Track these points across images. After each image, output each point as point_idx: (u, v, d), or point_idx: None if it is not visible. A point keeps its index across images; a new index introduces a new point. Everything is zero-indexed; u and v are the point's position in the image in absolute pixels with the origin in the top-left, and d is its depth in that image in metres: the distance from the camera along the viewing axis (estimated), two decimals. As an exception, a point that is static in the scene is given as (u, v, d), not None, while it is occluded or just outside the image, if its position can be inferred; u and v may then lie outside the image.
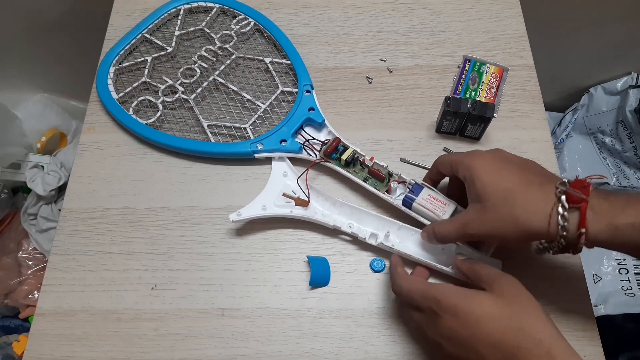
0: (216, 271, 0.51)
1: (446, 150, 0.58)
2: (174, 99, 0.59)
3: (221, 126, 0.58)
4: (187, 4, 0.67)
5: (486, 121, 0.55)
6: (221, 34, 0.64)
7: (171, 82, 0.61)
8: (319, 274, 0.50)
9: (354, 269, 0.51)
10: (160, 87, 0.60)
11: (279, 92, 0.60)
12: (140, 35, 0.64)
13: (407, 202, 0.50)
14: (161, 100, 0.59)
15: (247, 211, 0.51)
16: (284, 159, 0.55)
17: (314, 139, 0.56)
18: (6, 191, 1.03)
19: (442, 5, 0.68)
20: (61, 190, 0.96)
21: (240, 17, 0.66)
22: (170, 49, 0.63)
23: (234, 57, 0.63)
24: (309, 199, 0.52)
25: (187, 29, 0.65)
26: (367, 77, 0.63)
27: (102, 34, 0.66)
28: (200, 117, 0.58)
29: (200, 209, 0.55)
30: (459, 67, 0.63)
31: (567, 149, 1.11)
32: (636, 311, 0.91)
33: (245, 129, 0.57)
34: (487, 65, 0.62)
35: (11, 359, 0.88)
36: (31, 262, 0.97)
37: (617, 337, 0.91)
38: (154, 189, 0.56)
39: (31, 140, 1.04)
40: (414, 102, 0.61)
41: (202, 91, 0.60)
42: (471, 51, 0.64)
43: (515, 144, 0.58)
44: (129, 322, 0.49)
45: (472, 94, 0.61)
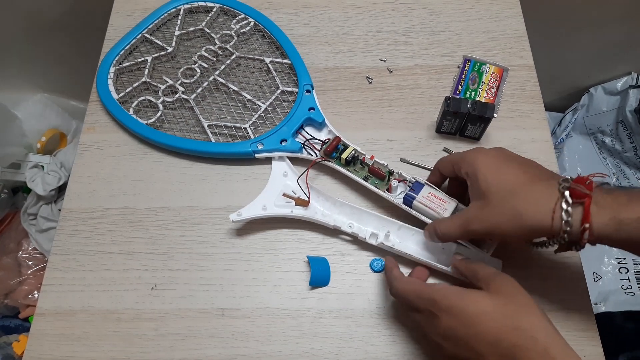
0: (216, 271, 0.51)
1: (446, 150, 0.58)
2: (174, 99, 0.59)
3: (221, 126, 0.58)
4: (187, 3, 0.67)
5: (486, 121, 0.55)
6: (221, 33, 0.64)
7: (171, 82, 0.61)
8: (319, 274, 0.50)
9: (354, 269, 0.51)
10: (160, 87, 0.60)
11: (279, 91, 0.60)
12: (140, 35, 0.64)
13: (407, 200, 0.50)
14: (161, 100, 0.59)
15: (247, 211, 0.51)
16: (284, 158, 0.55)
17: (315, 138, 0.56)
18: (6, 191, 1.03)
19: (442, 5, 0.68)
20: (61, 190, 0.96)
21: (240, 16, 0.66)
22: (170, 49, 0.63)
23: (234, 56, 0.63)
24: (309, 199, 0.52)
25: (187, 28, 0.65)
26: (367, 77, 0.63)
27: (102, 34, 0.66)
28: (200, 117, 0.58)
29: (200, 209, 0.55)
30: (459, 67, 0.63)
31: (567, 149, 1.11)
32: (636, 309, 0.91)
33: (245, 128, 0.57)
34: (487, 65, 0.62)
35: (11, 359, 0.88)
36: (31, 262, 0.97)
37: (617, 337, 0.91)
38: (154, 189, 0.56)
39: (31, 140, 1.04)
40: (414, 102, 0.61)
41: (202, 91, 0.60)
42: (471, 51, 0.64)
43: (515, 144, 0.58)
44: (129, 322, 0.49)
45: (472, 94, 0.61)
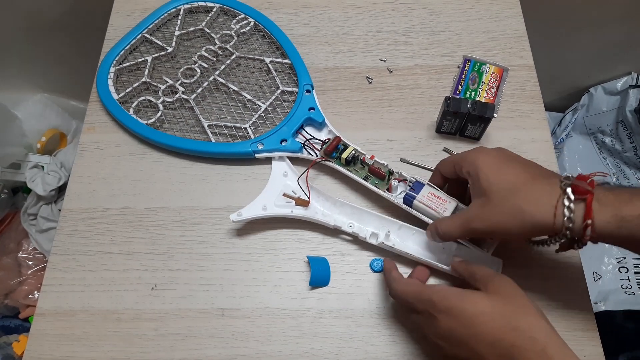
0: (216, 271, 0.51)
1: (446, 150, 0.58)
2: (175, 99, 0.59)
3: (221, 126, 0.58)
4: (187, 3, 0.67)
5: (486, 121, 0.55)
6: (221, 33, 0.64)
7: (171, 82, 0.61)
8: (319, 274, 0.50)
9: (354, 269, 0.51)
10: (160, 87, 0.60)
11: (279, 91, 0.60)
12: (140, 35, 0.64)
13: (407, 200, 0.50)
14: (161, 100, 0.59)
15: (247, 211, 0.51)
16: (284, 158, 0.55)
17: (315, 138, 0.56)
18: (6, 191, 1.03)
19: (442, 5, 0.68)
20: (61, 190, 0.96)
21: (240, 16, 0.66)
22: (170, 49, 0.63)
23: (234, 56, 0.63)
24: (309, 198, 0.52)
25: (187, 28, 0.65)
26: (367, 77, 0.63)
27: (102, 34, 0.66)
28: (200, 117, 0.58)
29: (200, 209, 0.55)
30: (459, 67, 0.63)
31: (567, 149, 1.11)
32: (636, 308, 0.91)
33: (245, 128, 0.57)
34: (487, 65, 0.62)
35: (11, 359, 0.88)
36: (31, 262, 0.97)
37: (617, 336, 0.91)
38: (154, 189, 0.56)
39: (31, 140, 1.04)
40: (414, 102, 0.61)
41: (202, 91, 0.60)
42: (471, 51, 0.64)
43: (515, 144, 0.58)
44: (129, 322, 0.49)
45: (472, 94, 0.61)
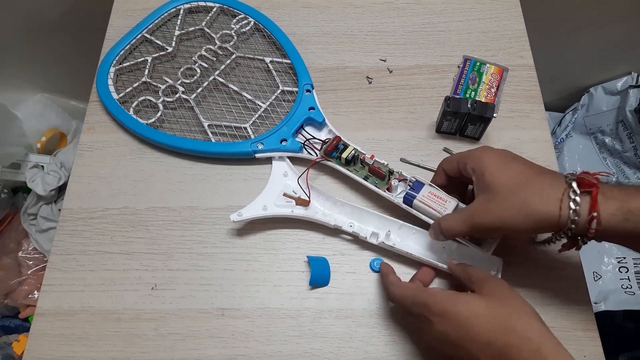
0: (216, 271, 0.51)
1: (446, 150, 0.58)
2: (175, 99, 0.59)
3: (222, 126, 0.58)
4: (187, 3, 0.67)
5: (486, 121, 0.55)
6: (221, 33, 0.64)
7: (171, 82, 0.60)
8: (319, 274, 0.50)
9: (354, 269, 0.51)
10: (160, 87, 0.60)
11: (279, 91, 0.60)
12: (140, 35, 0.64)
13: (408, 200, 0.50)
14: (161, 100, 0.59)
15: (248, 211, 0.51)
16: (284, 158, 0.55)
17: (315, 138, 0.56)
18: (6, 191, 1.03)
19: (442, 5, 0.68)
20: (61, 190, 0.96)
21: (240, 16, 0.66)
22: (170, 49, 0.63)
23: (234, 56, 0.63)
24: (309, 198, 0.52)
25: (187, 28, 0.65)
26: (367, 77, 0.63)
27: (102, 34, 0.66)
28: (200, 117, 0.58)
29: (200, 209, 0.55)
30: (459, 67, 0.63)
31: (567, 149, 1.11)
32: (636, 308, 0.91)
33: (245, 128, 0.57)
34: (487, 65, 0.62)
35: (11, 359, 0.88)
36: (31, 262, 0.97)
37: (617, 336, 0.91)
38: (154, 189, 0.56)
39: (31, 140, 1.04)
40: (414, 102, 0.61)
41: (202, 91, 0.60)
42: (471, 51, 0.64)
43: (515, 144, 0.58)
44: (129, 322, 0.49)
45: (472, 94, 0.61)
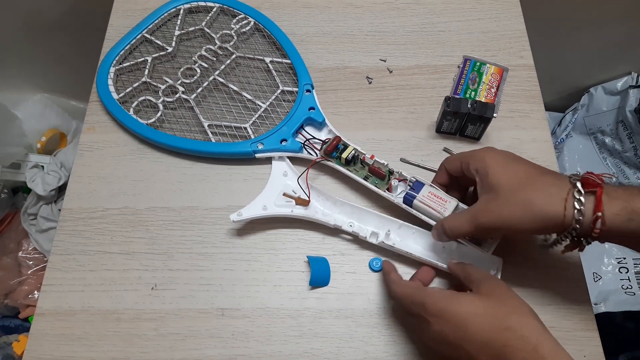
0: (216, 271, 0.51)
1: (446, 150, 0.58)
2: (175, 99, 0.59)
3: (222, 126, 0.58)
4: (187, 3, 0.67)
5: (486, 121, 0.55)
6: (221, 33, 0.64)
7: (171, 82, 0.60)
8: (319, 274, 0.50)
9: (354, 269, 0.51)
10: (160, 87, 0.60)
11: (279, 91, 0.60)
12: (140, 35, 0.64)
13: (407, 200, 0.50)
14: (161, 100, 0.59)
15: (247, 211, 0.51)
16: (284, 158, 0.55)
17: (315, 138, 0.56)
18: (6, 191, 1.03)
19: (442, 5, 0.68)
20: (61, 190, 0.96)
21: (240, 16, 0.66)
22: (170, 49, 0.63)
23: (234, 56, 0.63)
24: (309, 198, 0.52)
25: (187, 28, 0.65)
26: (367, 77, 0.63)
27: (102, 34, 0.66)
28: (200, 117, 0.58)
29: (200, 209, 0.55)
30: (459, 67, 0.63)
31: (567, 149, 1.11)
32: (636, 309, 0.91)
33: (245, 128, 0.57)
34: (487, 65, 0.62)
35: (11, 359, 0.88)
36: (31, 262, 0.97)
37: (617, 336, 0.91)
38: (154, 189, 0.56)
39: (31, 140, 1.04)
40: (414, 102, 0.61)
41: (202, 91, 0.60)
42: (471, 51, 0.64)
43: (515, 144, 0.58)
44: (129, 322, 0.49)
45: (472, 94, 0.61)
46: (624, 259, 0.97)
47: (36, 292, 0.95)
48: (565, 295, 0.49)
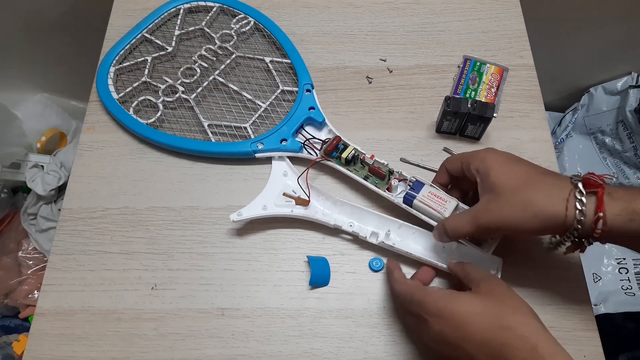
0: (216, 271, 0.51)
1: (446, 150, 0.58)
2: (174, 99, 0.59)
3: (221, 126, 0.58)
4: (186, 3, 0.67)
5: (486, 121, 0.55)
6: (221, 33, 0.64)
7: (171, 81, 0.60)
8: (319, 274, 0.50)
9: (354, 269, 0.51)
10: (160, 87, 0.60)
11: (279, 91, 0.60)
12: (140, 35, 0.64)
13: (407, 200, 0.50)
14: (161, 100, 0.59)
15: (247, 211, 0.51)
16: (284, 158, 0.55)
17: (315, 138, 0.56)
18: (6, 191, 1.03)
19: (442, 5, 0.68)
20: (61, 190, 0.96)
21: (240, 16, 0.66)
22: (170, 49, 0.63)
23: (234, 56, 0.63)
24: (309, 198, 0.52)
25: (187, 28, 0.65)
26: (367, 76, 0.63)
27: (102, 34, 0.66)
28: (200, 117, 0.58)
29: (200, 209, 0.55)
30: (459, 67, 0.63)
31: (567, 149, 1.11)
32: (636, 310, 0.91)
33: (245, 128, 0.57)
34: (487, 65, 0.62)
35: (11, 358, 0.88)
36: (31, 262, 0.97)
37: (617, 336, 0.91)
38: (154, 189, 0.56)
39: (31, 140, 1.04)
40: (414, 102, 0.61)
41: (202, 91, 0.60)
42: (471, 51, 0.64)
43: (515, 144, 0.58)
44: (129, 322, 0.49)
45: (472, 93, 0.61)
46: (624, 259, 0.97)
47: (36, 292, 0.95)
48: (565, 295, 0.49)
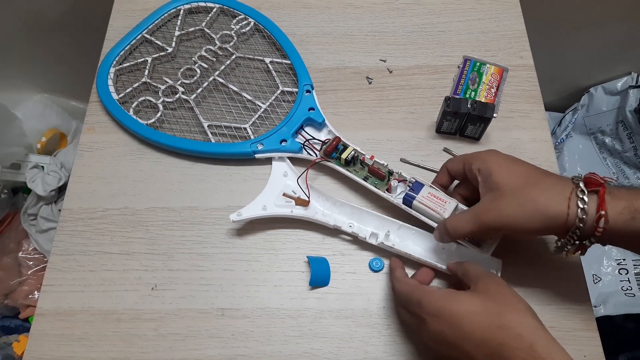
0: (216, 271, 0.51)
1: (446, 150, 0.58)
2: (174, 100, 0.59)
3: (221, 126, 0.58)
4: (187, 4, 0.67)
5: (486, 121, 0.55)
6: (221, 34, 0.64)
7: (171, 82, 0.61)
8: (319, 274, 0.50)
9: (354, 269, 0.51)
10: (160, 88, 0.60)
11: (279, 92, 0.60)
12: (140, 35, 0.64)
13: (407, 200, 0.50)
14: (161, 100, 0.59)
15: (247, 211, 0.51)
16: (284, 159, 0.55)
17: (314, 138, 0.56)
18: (6, 191, 1.03)
19: (442, 5, 0.68)
20: (61, 190, 0.96)
21: (240, 17, 0.66)
22: (170, 50, 0.63)
23: (234, 57, 0.63)
24: (309, 198, 0.52)
25: (187, 29, 0.65)
26: (367, 77, 0.63)
27: (102, 34, 0.66)
28: (200, 118, 0.58)
29: (200, 209, 0.55)
30: (459, 67, 0.63)
31: (567, 149, 1.11)
32: (636, 311, 0.91)
33: (245, 129, 0.57)
34: (487, 65, 0.62)
35: (11, 359, 0.88)
36: (31, 262, 0.97)
37: (617, 337, 0.91)
38: (154, 189, 0.56)
39: (31, 140, 1.04)
40: (414, 102, 0.61)
41: (202, 91, 0.60)
42: (471, 51, 0.64)
43: (515, 144, 0.58)
44: (129, 322, 0.49)
45: (472, 94, 0.61)
46: (624, 260, 0.97)
47: (36, 292, 0.95)
48: (565, 295, 0.49)
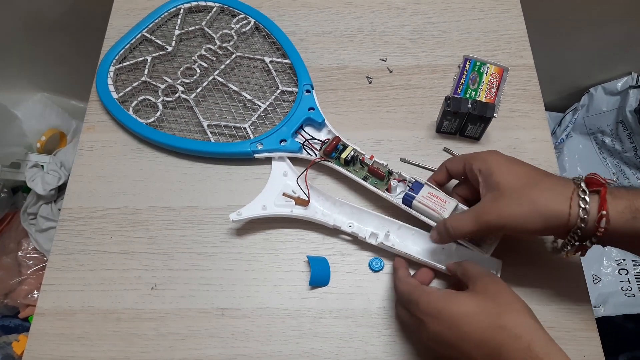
0: (216, 271, 0.51)
1: (446, 150, 0.58)
2: (174, 99, 0.59)
3: (221, 126, 0.58)
4: (187, 3, 0.67)
5: (486, 121, 0.55)
6: (221, 33, 0.64)
7: (171, 81, 0.60)
8: (319, 274, 0.50)
9: (354, 269, 0.51)
10: (160, 87, 0.60)
11: (279, 91, 0.60)
12: (140, 34, 0.64)
13: (407, 200, 0.50)
14: (161, 99, 0.59)
15: (247, 211, 0.51)
16: (284, 158, 0.55)
17: (314, 138, 0.56)
18: (6, 191, 1.03)
19: (442, 4, 0.68)
20: (61, 189, 0.96)
21: (240, 16, 0.66)
22: (170, 49, 0.63)
23: (234, 56, 0.63)
24: (309, 198, 0.52)
25: (187, 28, 0.65)
26: (367, 76, 0.63)
27: (102, 33, 0.66)
28: (200, 117, 0.58)
29: (200, 209, 0.55)
30: (459, 67, 0.63)
31: (567, 149, 1.11)
32: (636, 312, 0.91)
33: (245, 128, 0.57)
34: (487, 65, 0.62)
35: (11, 358, 0.88)
36: (31, 262, 0.97)
37: (617, 337, 0.91)
38: (154, 189, 0.56)
39: (31, 139, 1.04)
40: (414, 102, 0.61)
41: (202, 91, 0.60)
42: (471, 51, 0.64)
43: (515, 144, 0.58)
44: (129, 321, 0.49)
45: (472, 93, 0.60)
46: (624, 260, 0.97)
47: (36, 291, 0.95)
48: (565, 295, 0.49)
